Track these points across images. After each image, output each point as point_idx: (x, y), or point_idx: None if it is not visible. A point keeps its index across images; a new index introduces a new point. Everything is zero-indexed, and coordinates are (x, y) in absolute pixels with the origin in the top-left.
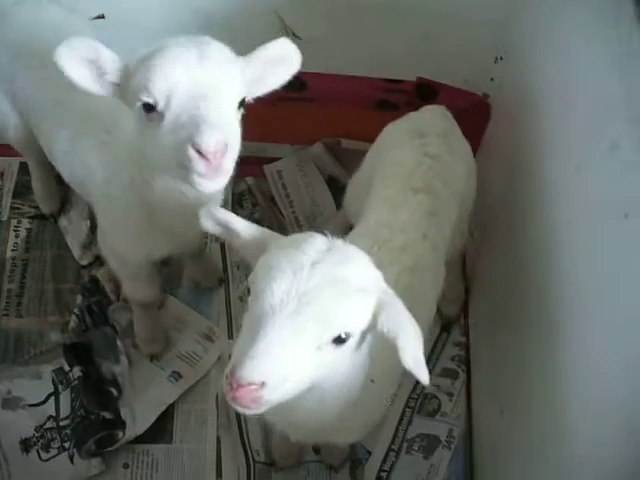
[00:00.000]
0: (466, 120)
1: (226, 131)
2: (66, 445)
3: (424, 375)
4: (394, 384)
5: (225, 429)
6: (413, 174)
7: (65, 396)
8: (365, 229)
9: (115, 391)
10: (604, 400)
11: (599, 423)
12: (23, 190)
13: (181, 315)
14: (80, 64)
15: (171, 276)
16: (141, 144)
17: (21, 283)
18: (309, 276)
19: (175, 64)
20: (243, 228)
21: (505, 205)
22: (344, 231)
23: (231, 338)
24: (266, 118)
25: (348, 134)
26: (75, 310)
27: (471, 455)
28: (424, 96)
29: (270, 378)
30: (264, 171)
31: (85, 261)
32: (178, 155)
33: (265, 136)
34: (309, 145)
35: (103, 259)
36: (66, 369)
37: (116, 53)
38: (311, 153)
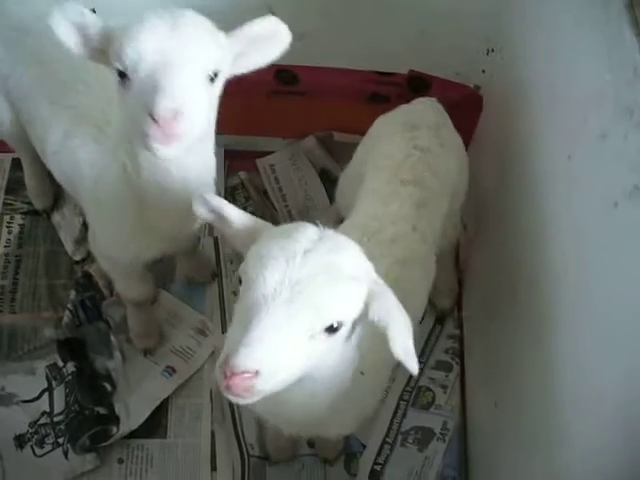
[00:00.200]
0: (458, 112)
1: (183, 99)
2: (60, 441)
3: (414, 365)
4: (385, 377)
5: (219, 423)
6: (402, 166)
7: (59, 392)
8: (355, 221)
9: (109, 386)
10: (596, 391)
11: (592, 414)
12: (16, 186)
13: (174, 310)
14: (69, 29)
15: (164, 271)
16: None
17: (14, 279)
18: (302, 264)
19: (146, 33)
20: (236, 216)
21: (498, 196)
22: (337, 224)
23: (225, 332)
24: (258, 112)
25: (340, 127)
26: (69, 305)
27: (465, 447)
28: (416, 89)
29: (264, 366)
30: (257, 165)
31: (78, 256)
32: (139, 121)
33: (257, 130)
34: (301, 139)
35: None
36: (60, 365)
37: None
38: (303, 147)
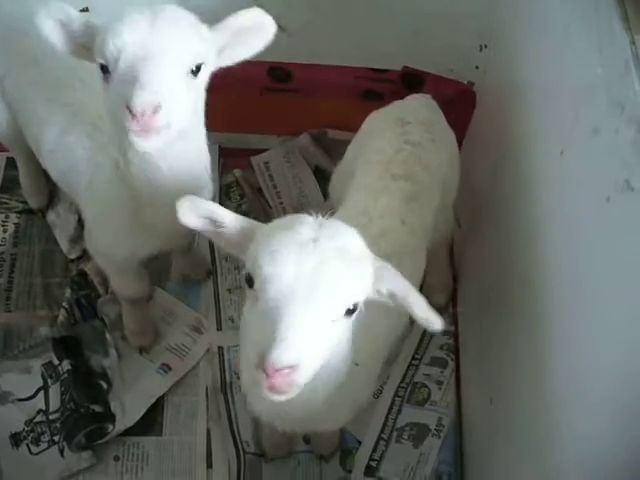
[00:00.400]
0: (452, 109)
1: (161, 93)
2: (56, 439)
3: (438, 320)
4: (377, 368)
5: (215, 421)
6: (393, 161)
7: (55, 390)
8: (343, 215)
9: (105, 384)
10: (589, 387)
11: (585, 410)
12: (10, 185)
13: (170, 307)
14: (54, 26)
15: (159, 269)
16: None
17: (9, 278)
18: (314, 253)
19: (127, 27)
20: (229, 218)
21: (491, 192)
22: None
23: (220, 330)
24: (252, 110)
25: (334, 124)
26: (64, 304)
27: (461, 443)
28: (410, 85)
29: (302, 358)
30: (251, 163)
31: (73, 255)
32: (119, 114)
33: (251, 128)
34: (296, 136)
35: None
36: (55, 363)
37: None
38: (298, 144)
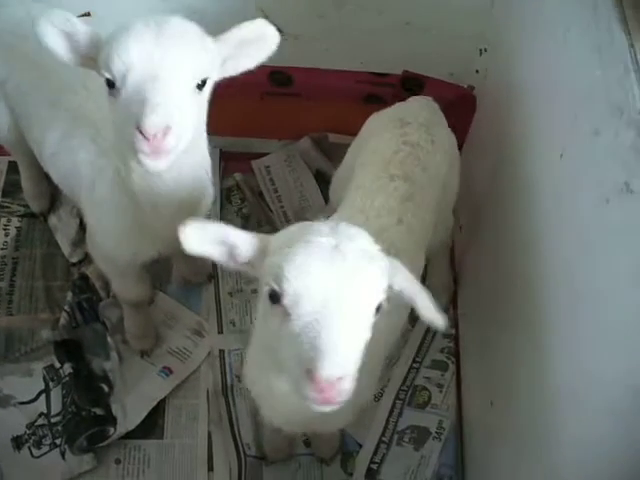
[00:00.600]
0: (452, 112)
1: (171, 114)
2: (58, 442)
3: (441, 319)
4: (378, 369)
5: (216, 424)
6: (392, 161)
7: (56, 393)
8: (342, 214)
9: (106, 387)
10: (591, 390)
11: (586, 413)
12: (12, 189)
13: (171, 311)
14: (57, 36)
15: (160, 272)
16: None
17: (11, 281)
18: (339, 259)
19: (133, 42)
20: (241, 237)
21: (492, 195)
22: None
23: (221, 333)
24: (253, 114)
25: (335, 128)
26: (65, 307)
27: (462, 446)
28: (410, 89)
29: (350, 366)
30: (252, 166)
31: (75, 258)
32: (128, 133)
33: (252, 132)
34: (297, 140)
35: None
36: (57, 366)
37: None
38: (298, 148)
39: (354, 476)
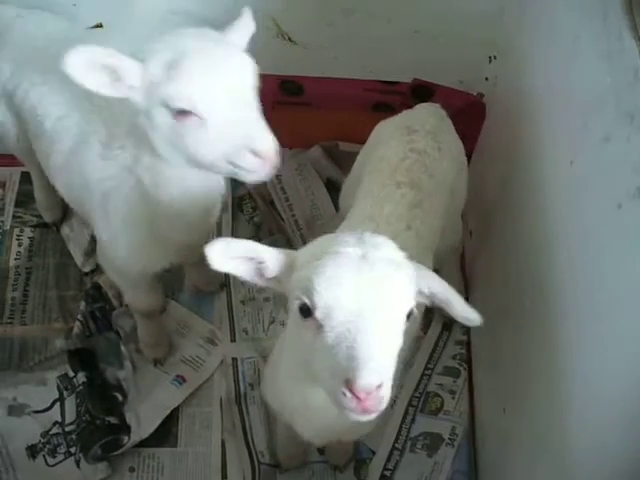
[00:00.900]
0: (462, 120)
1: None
2: (72, 450)
3: (475, 315)
4: (396, 377)
5: (229, 432)
6: (399, 168)
7: (70, 402)
8: (351, 222)
9: (120, 396)
10: (604, 396)
11: (599, 419)
12: (25, 199)
13: (184, 319)
14: (91, 70)
15: (173, 281)
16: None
17: (25, 291)
18: (368, 269)
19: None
20: (268, 253)
21: (502, 202)
22: None
23: (234, 341)
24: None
25: (346, 137)
26: (79, 316)
27: (475, 452)
28: (420, 97)
29: (386, 374)
30: None
31: (87, 268)
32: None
33: None
34: (307, 149)
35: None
36: (71, 375)
37: None
38: (309, 156)
39: None
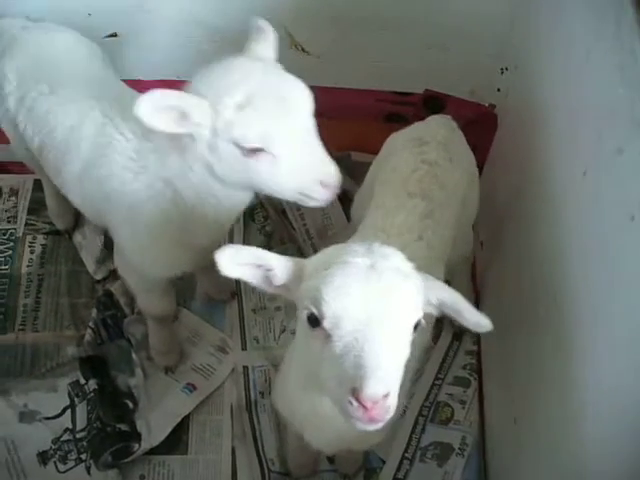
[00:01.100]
0: (474, 131)
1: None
2: (83, 457)
3: (485, 320)
4: (405, 388)
5: (240, 439)
6: (410, 180)
7: (81, 409)
8: (363, 234)
9: (131, 403)
10: (617, 407)
11: (612, 430)
12: (37, 207)
13: (195, 328)
14: (160, 111)
15: (184, 289)
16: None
17: (37, 298)
18: (376, 279)
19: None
20: (276, 261)
21: (514, 213)
22: None
23: (245, 350)
24: None
25: (358, 147)
26: (90, 324)
27: (485, 462)
28: (432, 108)
29: (393, 383)
30: None
31: (99, 276)
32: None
33: None
34: None
35: (118, 274)
36: (82, 382)
37: (129, 67)
38: None
39: None
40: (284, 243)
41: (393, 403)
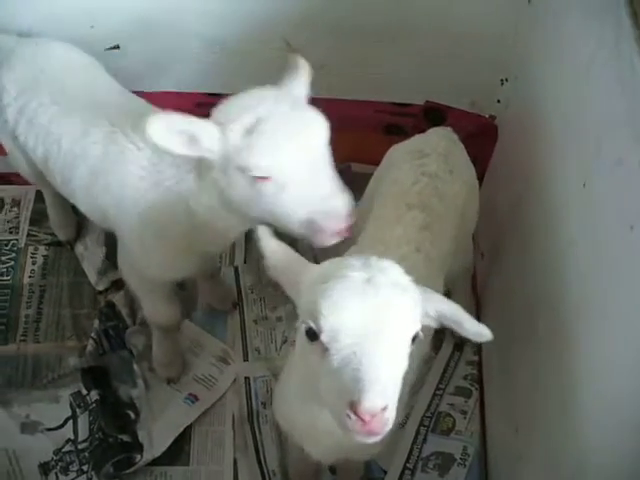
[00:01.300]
0: (474, 142)
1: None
2: (85, 468)
3: (486, 330)
4: (405, 392)
5: (242, 450)
6: (410, 192)
7: (83, 419)
8: (362, 245)
9: (132, 414)
10: (619, 416)
11: (614, 440)
12: (39, 217)
13: (197, 338)
14: (171, 134)
15: (186, 300)
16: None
17: (38, 309)
18: (373, 293)
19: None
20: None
21: (514, 224)
22: None
23: (246, 360)
24: None
25: (358, 158)
26: (92, 334)
27: (486, 472)
28: (432, 119)
29: (391, 396)
30: None
31: (101, 286)
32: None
33: None
34: None
35: (120, 283)
36: (84, 393)
37: (130, 79)
38: None
39: None
40: None
41: (391, 415)
